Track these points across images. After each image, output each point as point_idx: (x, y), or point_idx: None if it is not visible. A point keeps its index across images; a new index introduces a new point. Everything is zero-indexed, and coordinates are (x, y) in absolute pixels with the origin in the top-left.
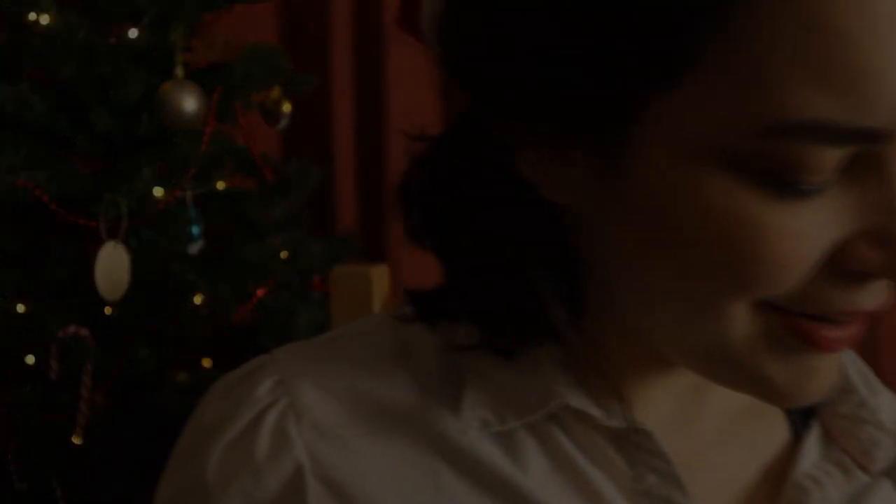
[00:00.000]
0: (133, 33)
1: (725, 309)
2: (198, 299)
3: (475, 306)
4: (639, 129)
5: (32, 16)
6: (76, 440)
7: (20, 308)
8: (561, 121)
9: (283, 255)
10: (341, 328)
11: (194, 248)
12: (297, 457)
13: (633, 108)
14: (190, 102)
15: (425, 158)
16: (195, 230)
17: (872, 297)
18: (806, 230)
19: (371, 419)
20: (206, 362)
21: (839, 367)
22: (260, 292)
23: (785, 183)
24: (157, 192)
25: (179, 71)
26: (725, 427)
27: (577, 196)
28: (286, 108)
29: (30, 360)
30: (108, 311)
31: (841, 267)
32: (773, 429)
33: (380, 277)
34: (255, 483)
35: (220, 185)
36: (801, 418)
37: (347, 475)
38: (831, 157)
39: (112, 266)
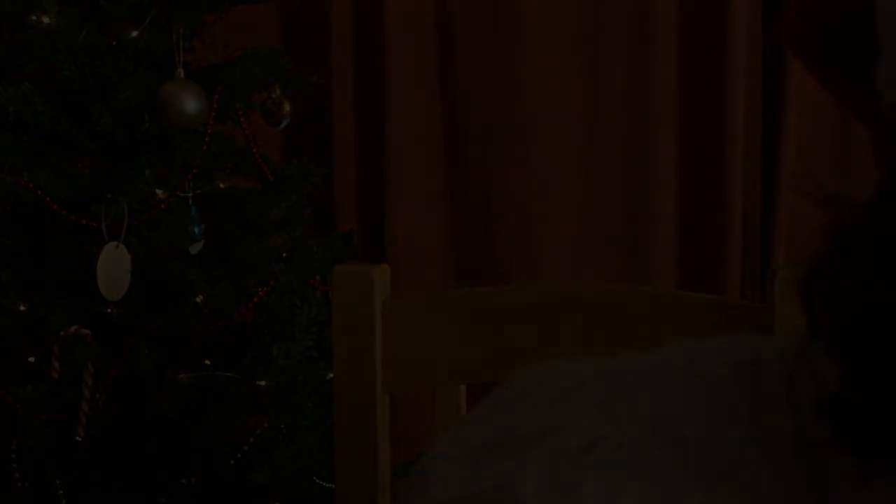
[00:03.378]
0: (134, 34)
1: None
2: (198, 299)
3: None
4: None
5: (34, 16)
6: (77, 439)
7: (22, 307)
8: None
9: (283, 255)
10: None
11: (195, 248)
12: None
13: None
14: (191, 103)
15: (854, 231)
16: (196, 230)
17: None
18: None
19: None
20: (206, 362)
21: None
22: (260, 292)
23: None
24: (159, 192)
25: (180, 71)
26: None
27: None
28: (286, 108)
29: (31, 359)
30: (109, 310)
31: None
32: None
33: (380, 277)
34: None
35: (221, 185)
36: None
37: None
38: None
39: (113, 266)
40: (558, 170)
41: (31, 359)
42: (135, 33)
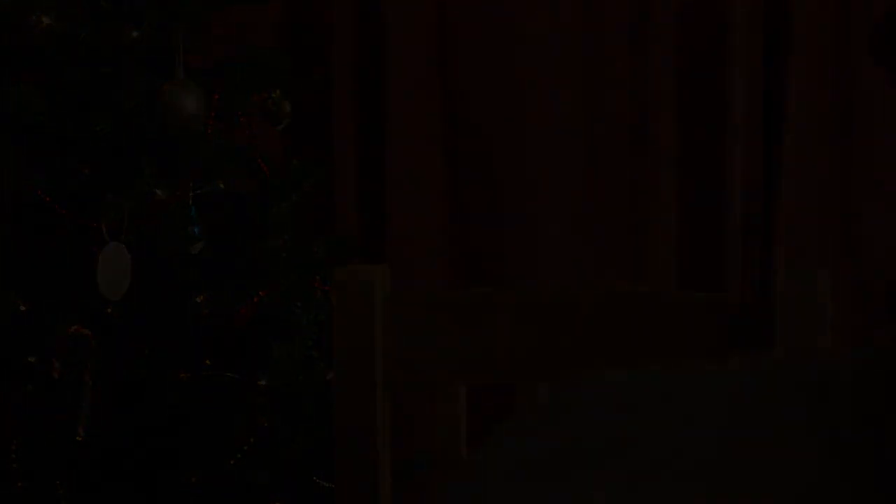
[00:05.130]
0: (134, 34)
1: None
2: (198, 299)
3: None
4: None
5: (34, 16)
6: (77, 439)
7: (22, 307)
8: None
9: (283, 255)
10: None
11: (195, 248)
12: None
13: None
14: (191, 103)
15: None
16: (196, 230)
17: None
18: None
19: None
20: (206, 362)
21: None
22: (261, 292)
23: None
24: (159, 192)
25: (180, 71)
26: None
27: None
28: (286, 108)
29: (31, 359)
30: (109, 310)
31: None
32: None
33: (380, 277)
34: None
35: (221, 185)
36: None
37: None
38: None
39: (113, 266)
40: (558, 170)
41: (31, 359)
42: (135, 33)
